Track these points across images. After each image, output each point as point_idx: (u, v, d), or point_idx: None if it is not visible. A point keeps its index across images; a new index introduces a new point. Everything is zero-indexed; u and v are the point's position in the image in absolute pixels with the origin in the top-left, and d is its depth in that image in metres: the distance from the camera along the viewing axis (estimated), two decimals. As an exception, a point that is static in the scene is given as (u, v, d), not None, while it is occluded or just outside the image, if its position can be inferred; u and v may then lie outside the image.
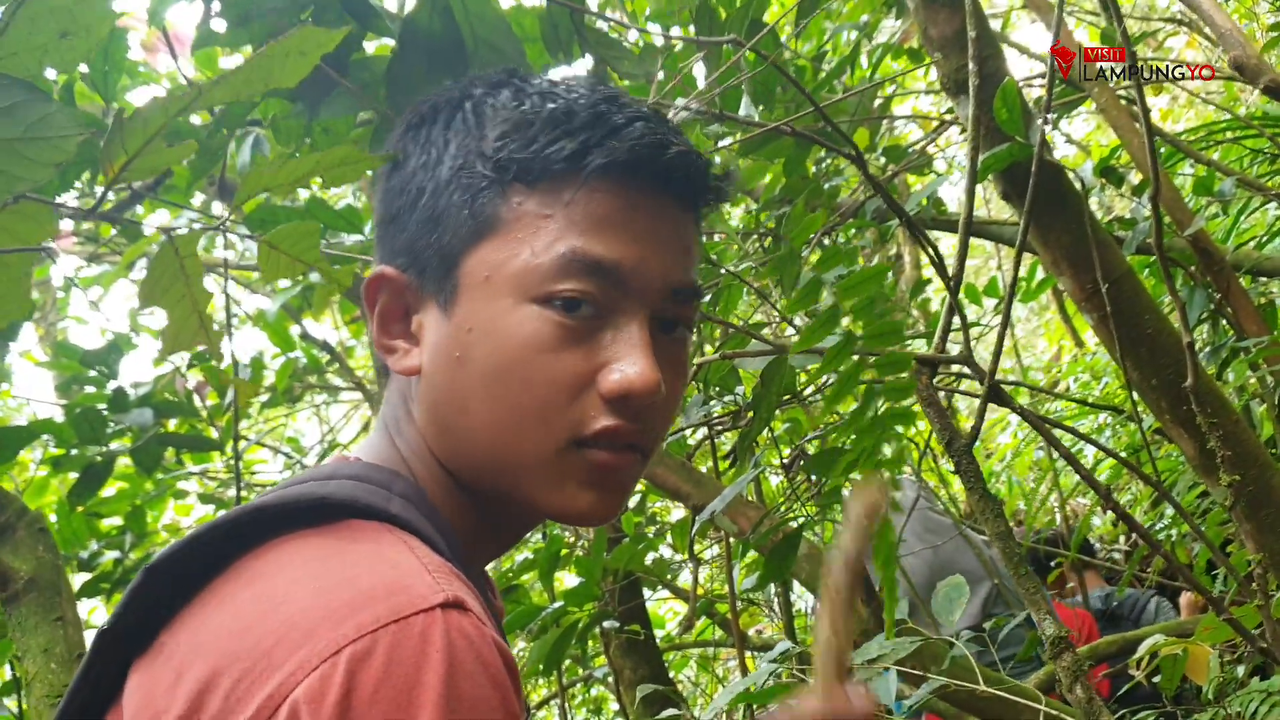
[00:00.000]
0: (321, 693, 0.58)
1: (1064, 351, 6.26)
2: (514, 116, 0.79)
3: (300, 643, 0.60)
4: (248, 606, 0.64)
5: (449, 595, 0.62)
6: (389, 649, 0.59)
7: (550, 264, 0.76)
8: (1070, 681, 1.53)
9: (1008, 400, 1.62)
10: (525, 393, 0.76)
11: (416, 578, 0.63)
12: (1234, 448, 1.75)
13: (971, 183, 1.64)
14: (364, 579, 0.63)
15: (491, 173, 0.78)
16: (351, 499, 0.71)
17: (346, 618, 0.60)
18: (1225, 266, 2.38)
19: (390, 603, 0.61)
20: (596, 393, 0.76)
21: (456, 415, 0.78)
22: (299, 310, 3.17)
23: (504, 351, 0.76)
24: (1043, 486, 4.63)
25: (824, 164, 2.88)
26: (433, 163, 0.81)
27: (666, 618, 5.33)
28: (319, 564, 0.66)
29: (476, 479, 0.80)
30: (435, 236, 0.79)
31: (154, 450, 2.71)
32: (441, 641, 0.60)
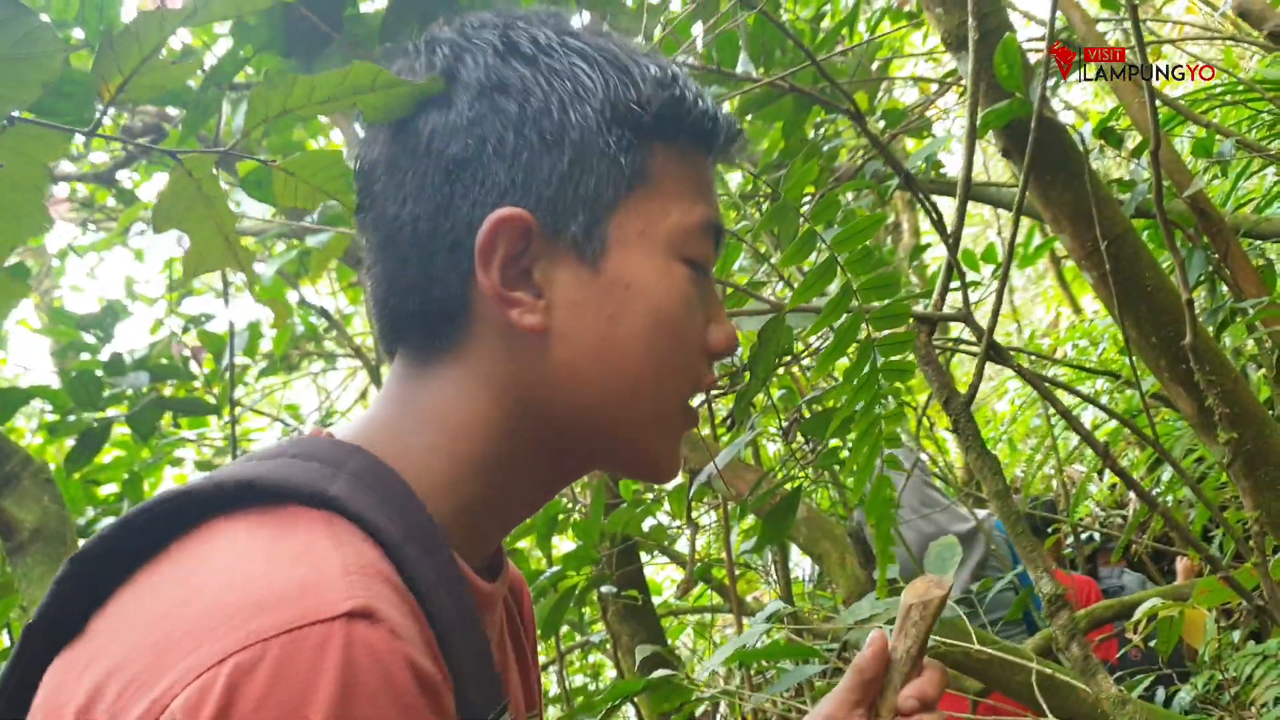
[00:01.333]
0: (199, 704, 0.55)
1: (1061, 318, 6.26)
2: (656, 75, 0.78)
3: (193, 647, 0.57)
4: (158, 599, 0.62)
5: (359, 604, 0.58)
6: (277, 661, 0.56)
7: (696, 226, 0.79)
8: (1066, 640, 1.53)
9: (1006, 358, 1.61)
10: (679, 346, 0.78)
11: (330, 581, 0.60)
12: (1232, 406, 1.74)
13: (971, 138, 1.62)
14: (273, 578, 0.60)
15: (646, 125, 0.77)
16: (283, 481, 0.67)
17: (241, 623, 0.57)
18: (1224, 228, 2.37)
19: (291, 609, 0.58)
20: (708, 349, 0.81)
21: (599, 372, 0.76)
22: (295, 276, 3.16)
23: (665, 307, 0.77)
24: (1039, 453, 4.64)
25: (823, 129, 2.87)
26: (568, 103, 0.76)
27: (664, 585, 5.35)
28: (235, 557, 0.63)
29: (581, 437, 0.79)
30: (578, 183, 0.76)
31: (150, 415, 2.71)
32: (338, 655, 0.56)
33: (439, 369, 0.78)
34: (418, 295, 0.77)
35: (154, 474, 3.60)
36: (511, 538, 3.17)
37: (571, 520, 2.76)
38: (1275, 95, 3.02)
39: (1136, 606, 2.47)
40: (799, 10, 2.89)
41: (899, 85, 4.16)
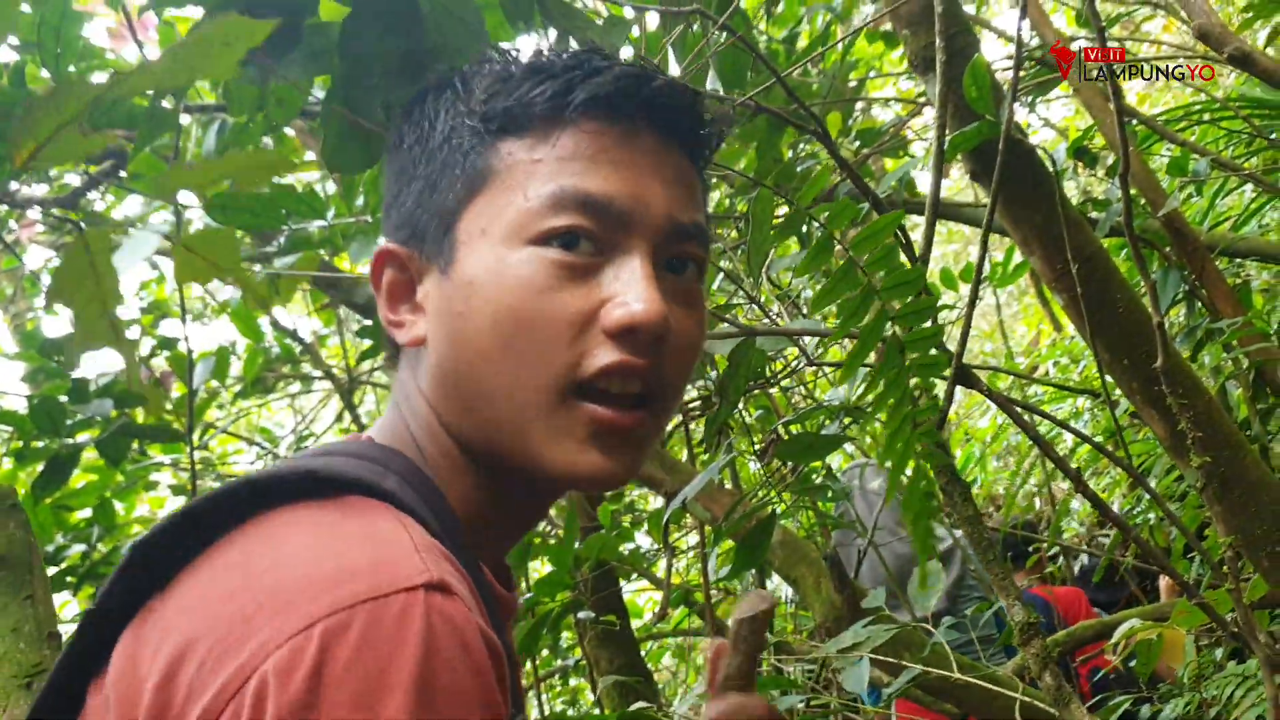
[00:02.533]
0: (291, 666, 0.56)
1: (1043, 336, 6.26)
2: (498, 73, 0.81)
3: (277, 613, 0.59)
4: (234, 575, 0.63)
5: (434, 576, 0.61)
6: (365, 626, 0.58)
7: (542, 203, 0.76)
8: (1039, 668, 1.51)
9: (976, 382, 1.59)
10: (527, 334, 0.75)
11: (404, 556, 0.62)
12: (1205, 429, 1.73)
13: (938, 162, 1.61)
14: (350, 553, 0.62)
15: (479, 126, 0.79)
16: (343, 474, 0.70)
17: (325, 591, 0.59)
18: (1199, 247, 2.37)
19: (372, 579, 0.60)
20: (600, 329, 0.75)
21: (462, 372, 0.78)
22: (265, 299, 3.13)
23: (504, 296, 0.75)
24: (1021, 470, 4.62)
25: (800, 149, 2.85)
26: (425, 134, 0.82)
27: (645, 608, 5.31)
28: (309, 535, 0.65)
29: (485, 443, 0.79)
30: (432, 201, 0.81)
31: (120, 442, 2.67)
32: (420, 623, 0.58)
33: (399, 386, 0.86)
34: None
35: (128, 498, 3.56)
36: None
37: (545, 545, 2.72)
38: (1250, 113, 3.02)
39: (1117, 626, 2.46)
40: (774, 31, 2.88)
41: (877, 104, 4.15)
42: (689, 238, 0.81)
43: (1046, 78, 2.52)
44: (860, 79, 2.99)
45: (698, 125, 0.83)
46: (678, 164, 0.82)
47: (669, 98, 0.80)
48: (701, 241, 0.82)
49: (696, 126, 0.83)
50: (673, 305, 0.78)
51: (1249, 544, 1.82)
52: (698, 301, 0.83)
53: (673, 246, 0.80)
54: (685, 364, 0.81)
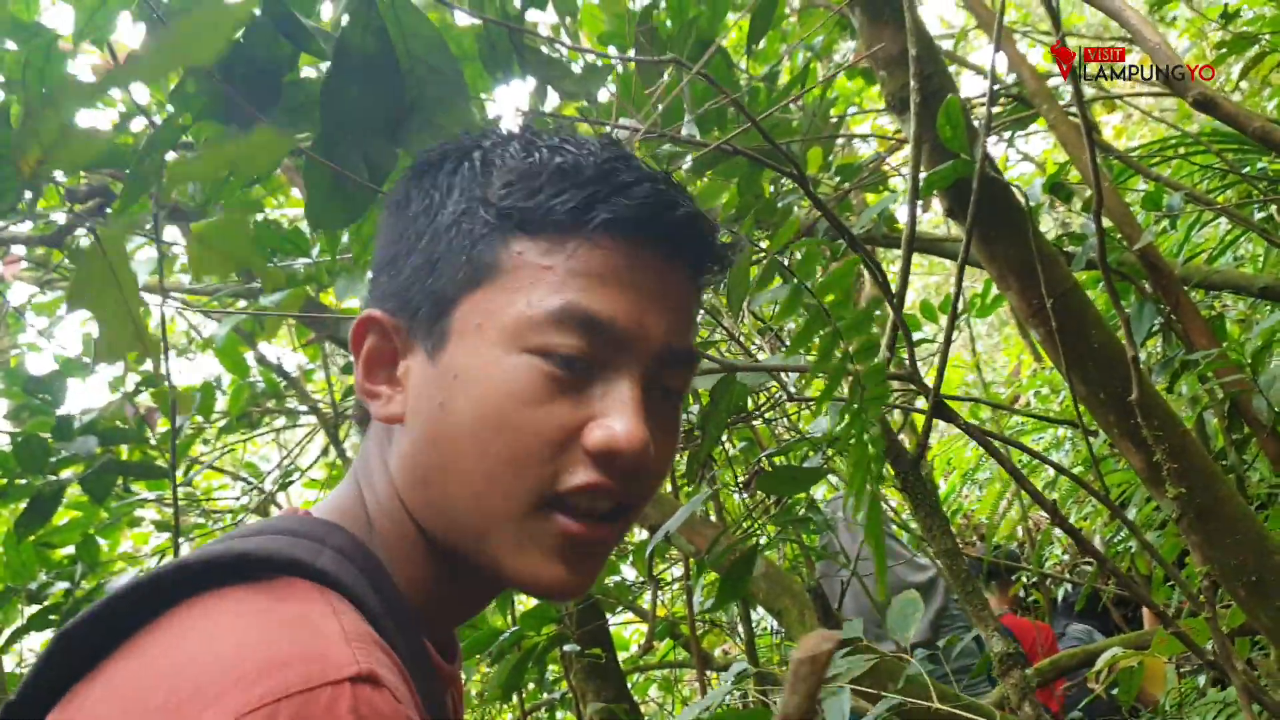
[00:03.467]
0: None
1: (1024, 366, 6.30)
2: (520, 166, 0.79)
3: (206, 706, 0.58)
4: (160, 663, 0.62)
5: (363, 668, 0.60)
6: (292, 718, 0.57)
7: (546, 315, 0.75)
8: (1019, 699, 1.53)
9: (953, 416, 1.62)
10: (506, 442, 0.74)
11: (334, 646, 0.62)
12: (1181, 460, 1.75)
13: (913, 200, 1.64)
14: (279, 643, 0.61)
15: (494, 219, 0.77)
16: (276, 554, 0.69)
17: (253, 684, 0.58)
18: (1174, 280, 2.40)
19: (301, 670, 0.59)
20: (580, 447, 0.74)
21: (434, 464, 0.76)
22: (251, 334, 3.13)
23: (490, 400, 0.74)
24: (1003, 501, 4.65)
25: (781, 185, 2.88)
26: (435, 207, 0.80)
27: (631, 640, 5.29)
28: (237, 623, 0.64)
29: (446, 536, 0.78)
30: (430, 281, 0.78)
31: (104, 479, 2.67)
32: (349, 717, 0.58)
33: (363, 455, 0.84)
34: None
35: (112, 535, 3.54)
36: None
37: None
38: (1222, 148, 3.07)
39: (1099, 655, 2.47)
40: (754, 69, 2.92)
41: (857, 139, 4.20)
42: (681, 364, 0.80)
43: (1023, 114, 2.56)
44: (840, 115, 3.03)
45: (712, 255, 0.83)
46: (682, 286, 0.81)
47: (690, 227, 0.79)
48: (690, 367, 0.82)
49: (710, 255, 0.83)
50: (655, 429, 0.77)
51: (1225, 574, 1.84)
52: (676, 424, 0.82)
53: (664, 371, 0.79)
54: (656, 484, 0.81)
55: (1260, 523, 1.87)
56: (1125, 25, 2.01)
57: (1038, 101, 2.43)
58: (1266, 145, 1.76)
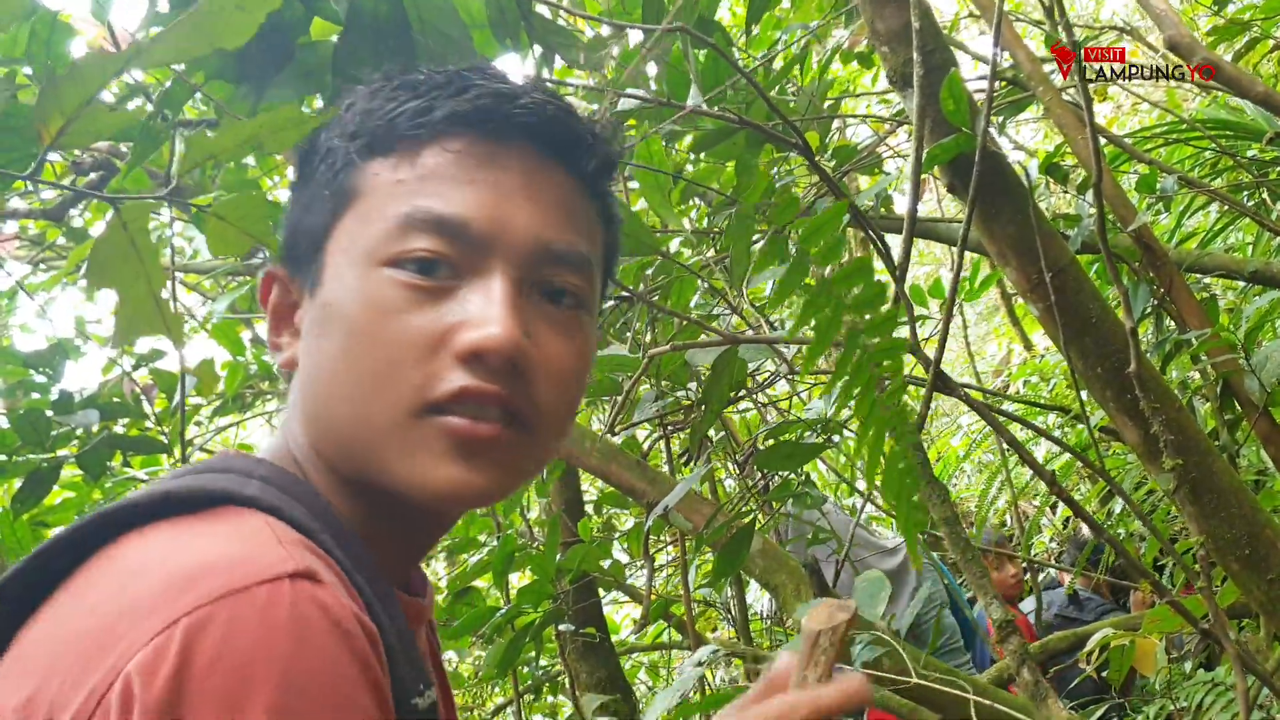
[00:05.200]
0: (155, 665, 0.55)
1: (1013, 355, 6.34)
2: (370, 93, 0.80)
3: (141, 617, 0.57)
4: (93, 593, 0.62)
5: (300, 566, 0.60)
6: (229, 620, 0.56)
7: (395, 225, 0.74)
8: (1017, 665, 1.55)
9: (954, 388, 1.64)
10: (373, 356, 0.73)
11: (268, 549, 0.61)
12: (1177, 433, 1.78)
13: (916, 173, 1.65)
14: (212, 552, 0.61)
15: (350, 146, 0.78)
16: (201, 488, 0.68)
17: (187, 590, 0.58)
18: (1168, 262, 2.42)
19: (235, 572, 0.58)
20: (450, 353, 0.73)
21: (320, 395, 0.77)
22: (248, 313, 3.14)
23: (353, 318, 0.74)
24: (993, 488, 4.68)
25: (777, 169, 2.90)
26: (306, 156, 0.83)
27: (623, 624, 5.31)
28: (167, 545, 0.64)
29: (346, 465, 0.77)
30: (305, 223, 0.80)
31: (101, 454, 2.66)
32: (288, 610, 0.57)
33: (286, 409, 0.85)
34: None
35: (104, 515, 3.53)
36: (466, 576, 3.15)
37: (528, 556, 2.74)
38: (1216, 133, 3.10)
39: (1089, 638, 2.50)
40: (752, 51, 2.94)
41: (851, 124, 4.22)
42: (562, 263, 0.78)
43: (1020, 96, 2.58)
44: (837, 97, 3.05)
45: (578, 144, 0.80)
46: (558, 186, 0.79)
47: (538, 113, 0.77)
48: (580, 270, 0.79)
49: (577, 145, 0.80)
50: (545, 331, 0.76)
51: (1219, 548, 1.87)
52: (578, 330, 0.79)
53: (543, 270, 0.77)
54: (560, 391, 0.77)
55: (1253, 497, 1.90)
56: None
57: (1034, 84, 2.45)
58: (1267, 109, 1.78)
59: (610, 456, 2.78)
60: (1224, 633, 1.63)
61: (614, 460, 2.80)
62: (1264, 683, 1.66)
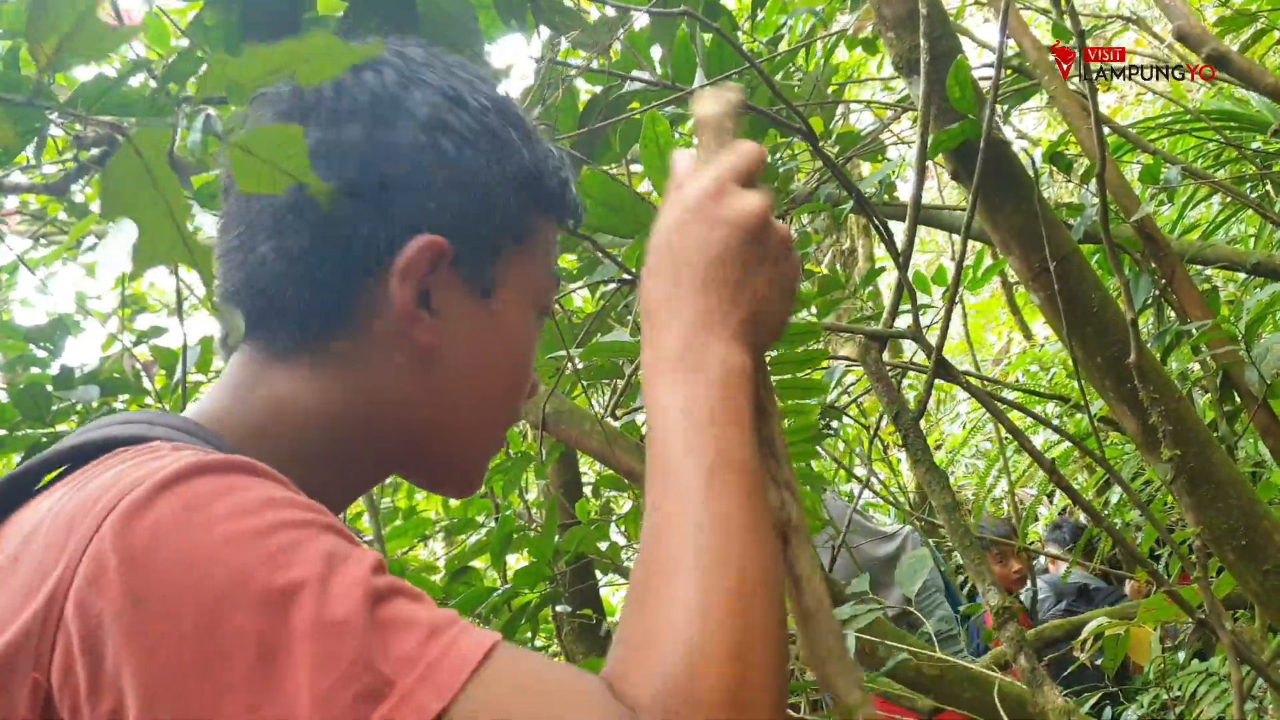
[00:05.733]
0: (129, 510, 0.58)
1: (1012, 344, 6.34)
2: (555, 159, 0.89)
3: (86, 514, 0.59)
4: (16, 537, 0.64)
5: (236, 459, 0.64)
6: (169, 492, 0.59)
7: (547, 281, 0.89)
8: (1014, 651, 1.55)
9: (955, 375, 1.64)
10: (518, 385, 0.87)
11: (186, 456, 0.63)
12: (1175, 424, 1.78)
13: (921, 159, 1.65)
14: (139, 469, 0.63)
15: (544, 196, 0.87)
16: (109, 437, 0.70)
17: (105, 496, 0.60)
18: (1170, 253, 2.42)
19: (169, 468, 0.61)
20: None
21: (459, 395, 0.83)
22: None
23: (519, 348, 0.86)
24: (990, 475, 4.69)
25: (779, 155, 2.89)
26: (493, 153, 0.84)
27: (617, 607, 5.32)
28: (89, 481, 0.64)
29: (409, 446, 0.84)
30: (484, 226, 0.83)
31: (100, 430, 2.67)
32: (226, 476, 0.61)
33: (294, 363, 0.81)
34: (308, 291, 0.80)
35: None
36: (464, 556, 3.15)
37: (526, 537, 2.74)
38: (1220, 125, 3.10)
39: (1084, 626, 2.51)
40: (757, 35, 2.93)
41: (854, 110, 4.21)
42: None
43: (1025, 85, 2.57)
44: (841, 82, 3.04)
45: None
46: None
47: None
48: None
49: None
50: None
51: (1216, 538, 1.87)
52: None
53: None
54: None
55: (1251, 488, 1.90)
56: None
57: (1039, 73, 2.44)
58: (1277, 101, 1.78)
59: (610, 440, 2.78)
60: (1219, 622, 1.63)
61: (614, 444, 2.80)
62: (1259, 672, 1.67)
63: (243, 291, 0.81)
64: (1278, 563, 1.85)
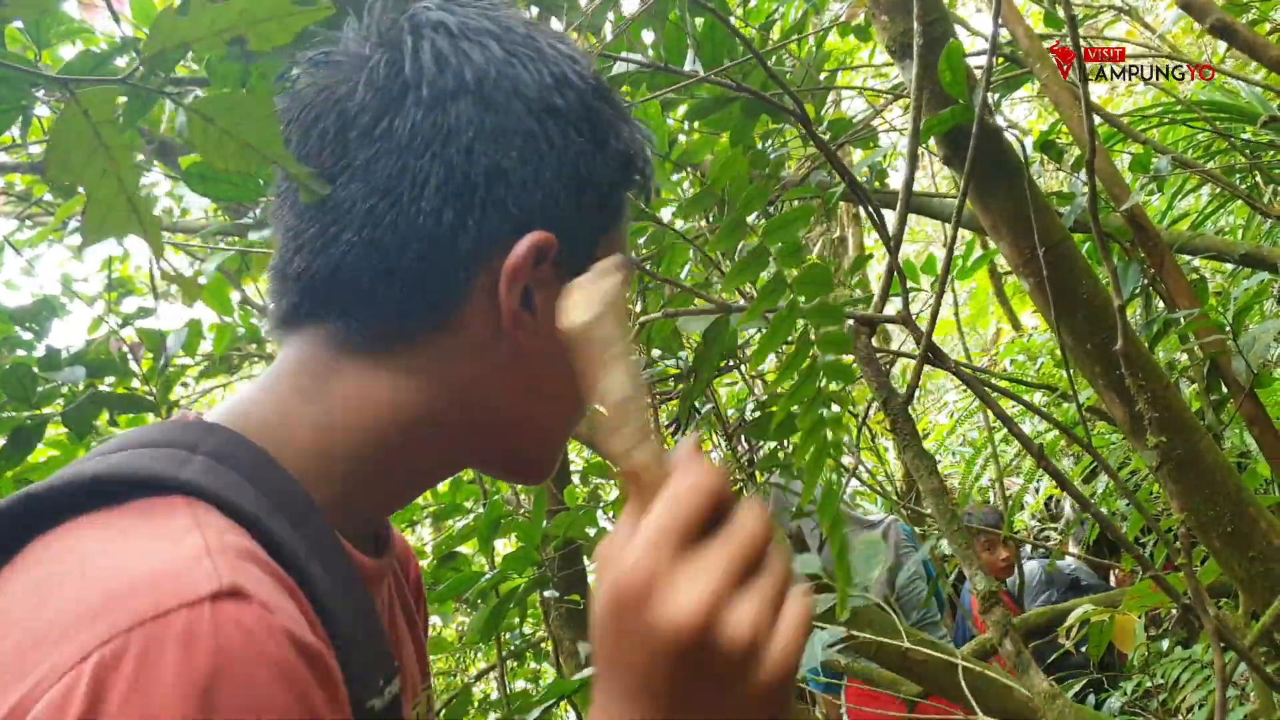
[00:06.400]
0: (63, 706, 0.51)
1: (1002, 335, 6.36)
2: (641, 139, 0.84)
3: (54, 646, 0.53)
4: (12, 606, 0.58)
5: (224, 583, 0.56)
6: (142, 652, 0.52)
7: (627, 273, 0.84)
8: (1000, 635, 1.56)
9: (944, 360, 1.64)
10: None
11: (192, 563, 0.57)
12: (1162, 411, 1.79)
13: (914, 143, 1.65)
14: (132, 568, 0.57)
15: (634, 180, 0.83)
16: (132, 472, 0.64)
17: (102, 615, 0.54)
18: (1159, 242, 2.42)
19: (152, 595, 0.54)
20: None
21: (553, 393, 0.79)
22: (237, 274, 3.12)
23: None
24: (977, 464, 4.70)
25: (769, 141, 2.89)
26: (600, 143, 0.79)
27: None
28: (92, 553, 0.59)
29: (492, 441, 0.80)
30: (592, 220, 0.79)
31: (86, 412, 2.65)
32: (208, 640, 0.53)
33: (378, 359, 0.76)
34: (404, 287, 0.74)
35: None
36: (452, 541, 3.15)
37: (514, 522, 2.74)
38: (1213, 115, 3.10)
39: (1068, 614, 2.52)
40: (750, 19, 2.92)
41: (846, 98, 4.21)
42: None
43: (1017, 72, 2.57)
44: (834, 69, 3.04)
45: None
46: None
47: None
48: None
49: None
50: None
51: (1201, 524, 1.88)
52: None
53: None
54: None
55: (1237, 475, 1.91)
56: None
57: (1031, 60, 2.44)
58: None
59: (598, 426, 2.78)
60: (1203, 608, 1.64)
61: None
62: (1241, 657, 1.68)
63: (320, 278, 0.75)
64: (1263, 549, 1.86)
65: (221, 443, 0.69)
